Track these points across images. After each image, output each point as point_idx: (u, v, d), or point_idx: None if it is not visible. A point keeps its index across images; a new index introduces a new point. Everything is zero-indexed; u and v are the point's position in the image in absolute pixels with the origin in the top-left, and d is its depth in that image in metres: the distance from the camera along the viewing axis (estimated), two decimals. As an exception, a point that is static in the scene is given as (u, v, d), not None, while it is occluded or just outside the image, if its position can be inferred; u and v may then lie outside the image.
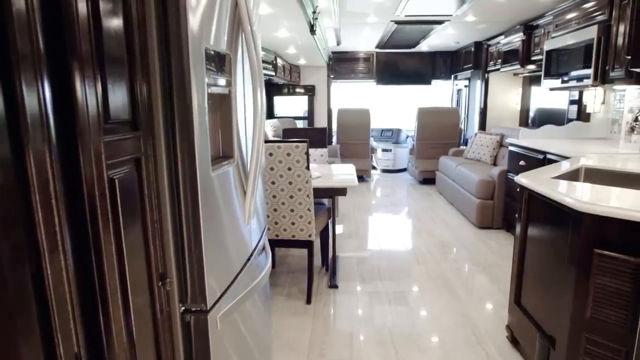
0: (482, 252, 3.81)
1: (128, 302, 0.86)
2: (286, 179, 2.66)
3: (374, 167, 8.00)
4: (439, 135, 6.75)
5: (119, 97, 0.84)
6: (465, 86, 7.24)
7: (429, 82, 8.17)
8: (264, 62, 4.91)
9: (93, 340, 0.77)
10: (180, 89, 1.02)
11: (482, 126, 6.51)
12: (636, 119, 1.93)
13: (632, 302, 1.55)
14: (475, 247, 3.93)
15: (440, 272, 3.37)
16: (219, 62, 1.20)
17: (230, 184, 1.32)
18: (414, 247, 3.99)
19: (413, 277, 3.29)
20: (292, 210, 2.73)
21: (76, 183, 0.72)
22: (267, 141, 2.67)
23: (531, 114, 6.15)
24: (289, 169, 2.64)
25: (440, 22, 4.90)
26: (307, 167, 2.63)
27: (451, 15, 4.56)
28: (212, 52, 1.14)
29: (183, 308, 1.13)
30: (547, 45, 4.11)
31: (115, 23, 0.82)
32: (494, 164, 5.34)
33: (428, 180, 6.62)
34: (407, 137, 8.09)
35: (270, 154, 2.62)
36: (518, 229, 2.27)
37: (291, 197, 2.70)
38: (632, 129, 1.95)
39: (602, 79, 3.28)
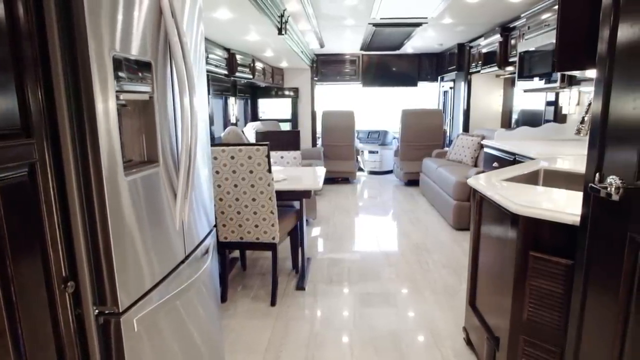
0: (455, 254, 3.83)
1: (13, 305, 0.87)
2: (248, 182, 2.68)
3: (361, 169, 8.00)
4: (423, 137, 6.76)
5: (1, 105, 0.85)
6: (451, 88, 7.26)
7: (415, 84, 8.20)
8: (240, 65, 4.92)
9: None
10: (85, 95, 1.03)
11: (466, 127, 6.53)
12: (582, 121, 1.95)
13: (564, 303, 1.56)
14: (449, 249, 3.95)
15: (410, 274, 3.38)
16: (135, 69, 1.22)
17: (154, 187, 1.34)
18: (387, 249, 4.00)
19: (382, 279, 3.30)
20: (255, 213, 2.75)
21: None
22: (228, 144, 2.69)
23: (515, 115, 6.17)
24: (251, 172, 2.65)
25: (417, 25, 4.92)
26: (269, 170, 2.65)
27: (427, 18, 4.58)
28: (125, 59, 1.16)
29: (97, 311, 1.14)
30: (521, 47, 4.13)
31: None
32: (475, 165, 5.35)
33: (413, 182, 6.63)
34: (394, 138, 8.10)
35: (232, 157, 2.64)
36: (472, 230, 2.28)
37: (254, 199, 2.71)
38: (579, 131, 1.97)
39: (570, 81, 3.30)
